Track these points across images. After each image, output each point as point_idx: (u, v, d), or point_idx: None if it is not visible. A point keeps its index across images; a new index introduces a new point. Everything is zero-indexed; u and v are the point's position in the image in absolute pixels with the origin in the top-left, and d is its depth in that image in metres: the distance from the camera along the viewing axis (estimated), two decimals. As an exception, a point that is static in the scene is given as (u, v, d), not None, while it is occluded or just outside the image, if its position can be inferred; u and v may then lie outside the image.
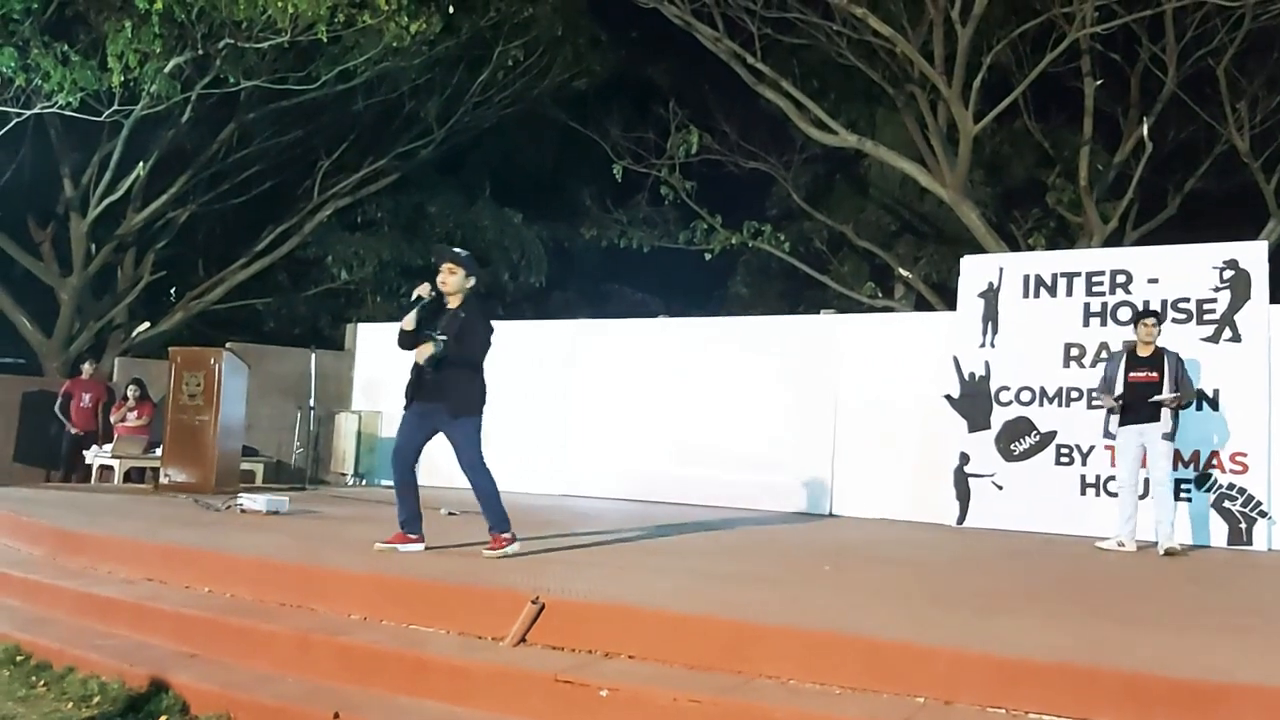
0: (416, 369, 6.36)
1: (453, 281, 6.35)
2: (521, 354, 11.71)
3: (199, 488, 10.18)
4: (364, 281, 18.21)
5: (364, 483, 13.19)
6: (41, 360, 15.52)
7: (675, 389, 11.81)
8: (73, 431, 12.72)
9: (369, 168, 16.95)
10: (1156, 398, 7.91)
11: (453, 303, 6.40)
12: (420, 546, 6.39)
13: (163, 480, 10.59)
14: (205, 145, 15.71)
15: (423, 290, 6.40)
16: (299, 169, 17.03)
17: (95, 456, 11.99)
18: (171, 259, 17.18)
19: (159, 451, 11.04)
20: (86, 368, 13.30)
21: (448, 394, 6.22)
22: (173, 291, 17.35)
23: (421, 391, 6.33)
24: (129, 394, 12.36)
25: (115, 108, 12.82)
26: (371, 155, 16.95)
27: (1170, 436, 7.98)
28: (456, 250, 6.63)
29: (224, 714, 4.43)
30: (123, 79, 12.03)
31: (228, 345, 11.65)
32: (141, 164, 14.61)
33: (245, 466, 11.63)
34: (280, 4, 11.67)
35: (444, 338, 6.16)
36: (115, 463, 11.69)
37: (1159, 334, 8.17)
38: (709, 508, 10.69)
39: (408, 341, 6.38)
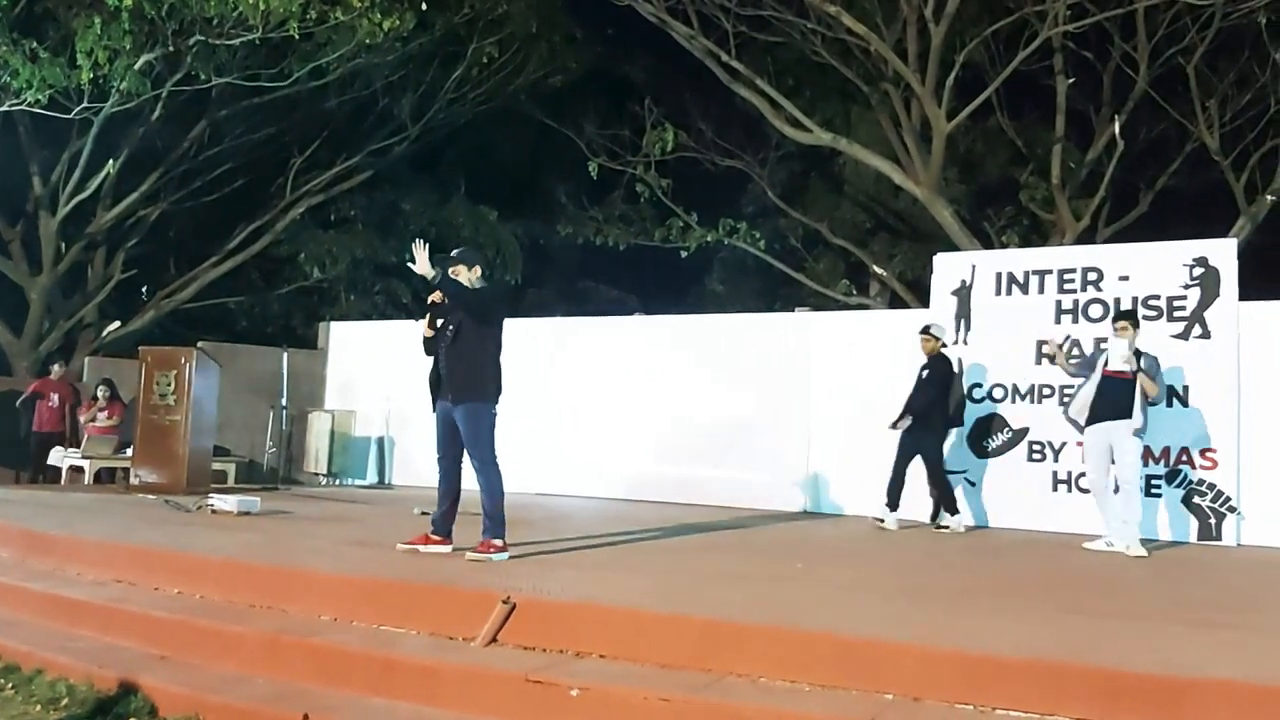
0: (435, 370, 6.46)
1: (463, 281, 6.45)
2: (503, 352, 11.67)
3: (170, 488, 10.10)
4: (337, 280, 18.10)
5: (337, 482, 13.13)
6: (10, 360, 15.36)
7: (651, 387, 11.81)
8: (34, 429, 12.61)
9: (342, 165, 16.84)
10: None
11: None
12: (446, 549, 6.36)
13: (133, 481, 10.51)
14: (176, 143, 15.57)
15: (436, 296, 6.53)
16: (271, 166, 16.89)
17: (64, 457, 11.89)
18: (142, 257, 17.02)
19: (130, 452, 10.96)
20: (56, 368, 13.20)
21: (455, 381, 6.28)
22: (144, 290, 17.18)
23: (441, 388, 6.42)
24: (99, 394, 12.26)
25: (85, 105, 12.69)
26: (345, 152, 16.84)
27: (1140, 433, 7.99)
28: (450, 255, 6.68)
29: (193, 716, 4.41)
30: (92, 76, 11.91)
31: (199, 344, 11.58)
32: (111, 162, 14.47)
33: (217, 467, 11.58)
34: (251, 0, 11.57)
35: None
36: (85, 463, 11.60)
37: (1134, 336, 8.06)
38: (686, 506, 10.71)
39: (430, 347, 6.56)
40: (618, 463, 11.81)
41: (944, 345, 9.49)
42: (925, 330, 9.39)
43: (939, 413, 9.20)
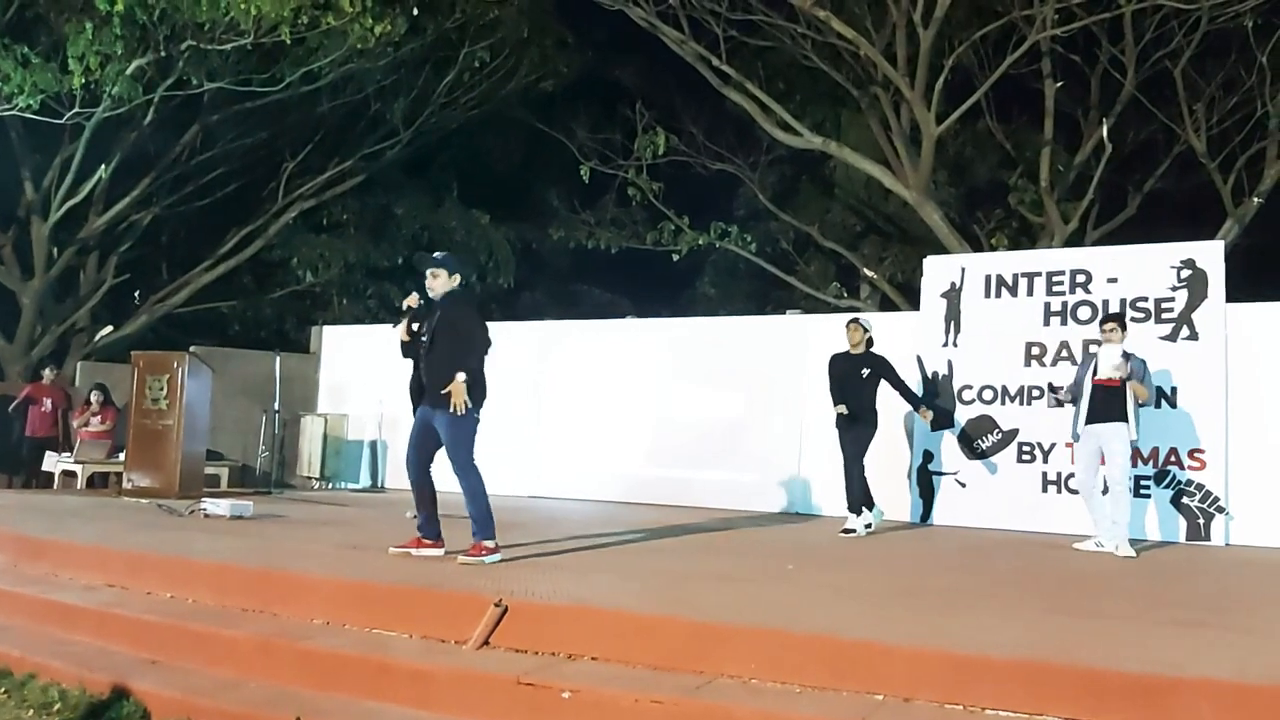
0: (415, 375, 6.50)
1: (438, 285, 6.45)
2: (491, 355, 11.70)
3: (162, 493, 10.12)
4: (329, 284, 18.13)
5: (330, 486, 13.13)
6: (3, 365, 15.34)
7: (644, 390, 11.84)
8: (26, 434, 12.61)
9: (334, 169, 16.85)
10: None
11: None
12: (439, 552, 6.37)
13: (126, 485, 10.52)
14: (168, 147, 15.57)
15: (411, 300, 6.55)
16: (264, 171, 16.91)
17: (57, 462, 11.87)
18: (135, 262, 17.03)
19: (122, 456, 10.96)
20: (47, 373, 13.17)
21: (436, 387, 6.25)
22: (136, 295, 17.20)
23: (422, 393, 6.42)
24: (92, 399, 12.23)
25: (76, 110, 12.69)
26: (337, 157, 16.86)
27: (1134, 441, 8.03)
28: (435, 255, 6.69)
29: (185, 720, 4.41)
30: (84, 81, 11.92)
31: (192, 349, 11.59)
32: (104, 166, 14.46)
33: (210, 471, 11.56)
34: (243, 5, 11.58)
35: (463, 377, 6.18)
36: (78, 468, 11.59)
37: (1122, 338, 8.11)
38: (677, 508, 10.73)
39: (407, 351, 6.60)
40: (610, 465, 11.84)
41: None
42: (855, 320, 9.14)
43: (875, 411, 9.08)
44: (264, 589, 5.49)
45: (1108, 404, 7.97)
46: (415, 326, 6.56)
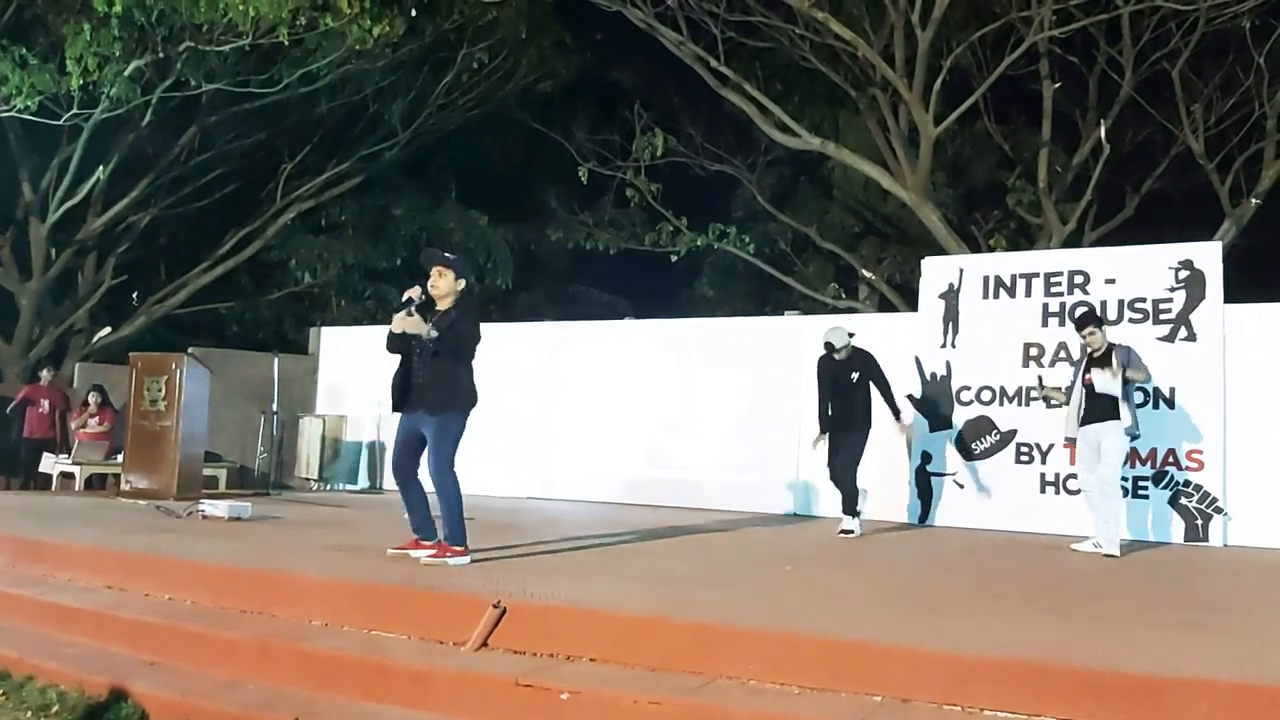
0: (402, 372, 6.33)
1: (443, 284, 6.26)
2: (492, 357, 11.67)
3: (161, 494, 10.12)
4: (328, 285, 18.15)
5: (328, 487, 13.12)
6: (1, 366, 15.34)
7: (643, 391, 11.84)
8: (25, 435, 12.60)
9: (333, 170, 16.86)
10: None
11: (443, 305, 6.30)
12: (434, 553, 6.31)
13: (124, 487, 10.52)
14: (167, 148, 15.58)
15: (413, 293, 6.28)
16: (262, 172, 16.92)
17: (55, 464, 11.87)
18: (133, 263, 17.04)
19: (120, 458, 10.95)
20: (45, 374, 13.17)
21: (431, 392, 6.16)
22: (134, 296, 17.21)
23: (409, 398, 6.30)
24: (90, 400, 12.24)
25: (74, 111, 12.70)
26: (335, 158, 16.86)
27: (1130, 433, 7.96)
28: (446, 254, 6.53)
29: (183, 721, 4.41)
30: (82, 82, 11.93)
31: (190, 350, 11.59)
32: (102, 168, 14.48)
33: (208, 472, 11.57)
34: (241, 6, 11.59)
35: (434, 334, 6.08)
36: (76, 469, 11.59)
37: (1101, 338, 8.01)
38: (676, 509, 10.73)
39: (395, 344, 6.33)
40: (609, 466, 11.83)
41: (851, 336, 9.06)
42: (828, 345, 8.95)
43: (869, 412, 8.99)
44: (262, 590, 5.48)
45: (1099, 403, 7.95)
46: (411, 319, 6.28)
